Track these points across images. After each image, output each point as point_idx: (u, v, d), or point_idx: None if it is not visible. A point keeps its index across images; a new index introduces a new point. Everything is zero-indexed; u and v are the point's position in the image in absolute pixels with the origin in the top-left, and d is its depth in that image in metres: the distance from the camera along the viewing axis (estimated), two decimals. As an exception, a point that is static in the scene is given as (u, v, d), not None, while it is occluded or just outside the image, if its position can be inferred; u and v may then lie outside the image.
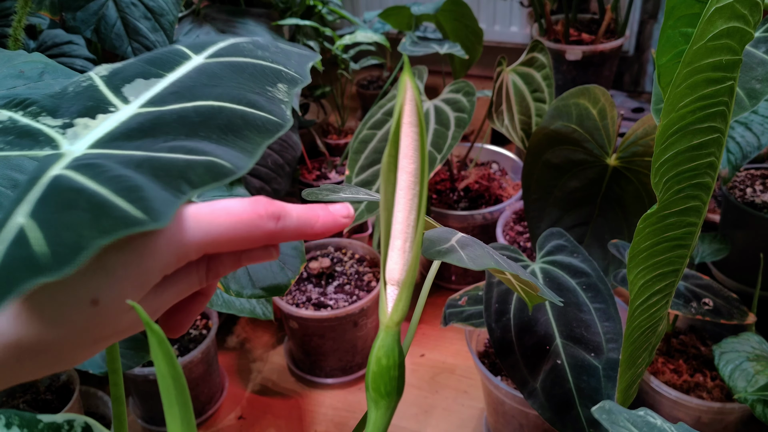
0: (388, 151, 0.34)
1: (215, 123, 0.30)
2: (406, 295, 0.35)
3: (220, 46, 0.37)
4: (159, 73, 0.33)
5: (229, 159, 0.29)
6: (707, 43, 0.41)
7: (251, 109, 0.32)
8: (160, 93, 0.32)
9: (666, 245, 0.48)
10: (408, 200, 0.34)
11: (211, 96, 0.32)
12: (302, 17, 1.48)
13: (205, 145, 0.29)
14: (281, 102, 0.33)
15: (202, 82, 0.33)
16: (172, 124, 0.30)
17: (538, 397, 0.67)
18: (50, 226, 0.22)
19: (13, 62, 0.57)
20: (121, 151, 0.28)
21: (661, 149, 0.44)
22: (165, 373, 0.26)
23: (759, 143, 0.84)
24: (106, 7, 0.85)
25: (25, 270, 0.21)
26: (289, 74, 0.36)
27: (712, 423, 0.91)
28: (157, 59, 0.34)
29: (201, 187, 0.26)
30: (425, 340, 1.29)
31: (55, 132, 0.29)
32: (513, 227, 1.33)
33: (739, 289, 1.13)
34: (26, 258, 0.21)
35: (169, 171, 0.27)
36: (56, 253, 0.22)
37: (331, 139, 1.70)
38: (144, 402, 1.11)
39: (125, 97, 0.32)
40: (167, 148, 0.28)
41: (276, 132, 0.31)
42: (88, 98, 0.31)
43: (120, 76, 0.33)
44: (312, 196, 0.47)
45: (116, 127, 0.29)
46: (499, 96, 1.20)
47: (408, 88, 0.32)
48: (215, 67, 0.34)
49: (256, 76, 0.35)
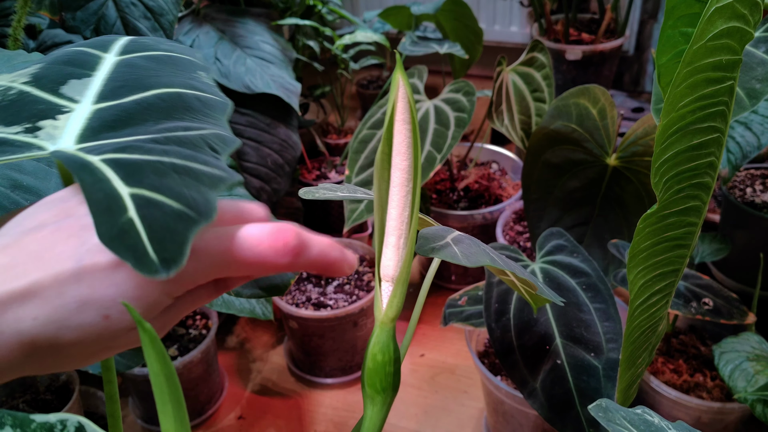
0: (381, 148, 0.34)
1: (181, 106, 0.32)
2: (401, 292, 0.35)
3: (123, 42, 0.38)
4: (85, 72, 0.34)
5: (220, 130, 0.30)
6: (707, 42, 0.41)
7: (199, 92, 0.33)
8: (105, 89, 0.32)
9: (666, 245, 0.48)
10: (402, 197, 0.34)
11: (161, 84, 0.33)
12: (302, 17, 1.48)
13: (190, 123, 0.30)
14: (212, 86, 0.35)
15: (142, 75, 0.34)
16: (146, 111, 0.31)
17: (537, 397, 0.67)
18: (166, 189, 0.24)
19: (13, 62, 0.57)
20: (122, 138, 0.28)
21: (661, 149, 0.44)
22: (158, 372, 0.26)
23: (759, 143, 0.84)
24: (106, 7, 0.85)
25: (182, 222, 0.23)
26: (198, 63, 0.38)
27: (712, 423, 0.91)
28: (72, 60, 0.35)
29: (224, 153, 0.28)
30: (425, 340, 1.29)
31: (23, 137, 0.29)
32: (513, 227, 1.33)
33: (739, 288, 1.13)
34: (173, 213, 0.23)
35: (194, 143, 0.28)
36: (191, 206, 0.23)
37: (330, 139, 1.70)
38: (144, 402, 1.11)
39: (70, 97, 0.32)
40: (164, 129, 0.29)
41: (226, 110, 0.33)
42: (32, 103, 0.31)
43: (48, 80, 0.33)
44: (309, 195, 0.47)
45: (88, 122, 0.30)
46: (499, 96, 1.20)
47: (400, 86, 0.33)
48: (138, 61, 0.35)
49: (178, 66, 0.36)
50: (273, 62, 1.19)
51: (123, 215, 0.22)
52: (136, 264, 0.21)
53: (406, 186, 0.34)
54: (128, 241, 0.22)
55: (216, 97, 0.34)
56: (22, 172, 0.50)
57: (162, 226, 0.22)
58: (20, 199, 0.48)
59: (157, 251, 0.22)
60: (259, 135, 1.18)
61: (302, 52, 1.52)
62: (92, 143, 0.28)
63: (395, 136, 0.33)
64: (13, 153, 0.28)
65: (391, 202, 0.34)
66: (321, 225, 1.54)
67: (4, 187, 0.48)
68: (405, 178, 0.34)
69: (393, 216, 0.34)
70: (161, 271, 0.21)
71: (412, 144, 0.33)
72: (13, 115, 0.30)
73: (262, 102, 1.17)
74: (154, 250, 0.22)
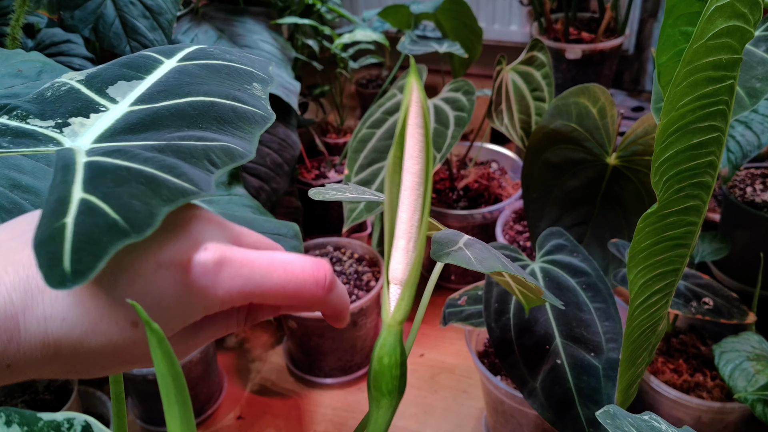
0: (393, 152, 0.34)
1: (211, 115, 0.32)
2: (409, 295, 0.35)
3: (189, 50, 0.39)
4: (138, 75, 0.35)
5: (237, 144, 0.31)
6: (707, 41, 0.41)
7: (238, 103, 0.34)
8: (147, 92, 0.33)
9: (666, 244, 0.48)
10: (412, 201, 0.34)
11: (200, 93, 0.33)
12: (301, 16, 1.48)
13: (208, 134, 0.31)
14: (261, 98, 0.36)
15: (187, 81, 0.34)
16: (171, 117, 0.31)
17: (537, 396, 0.67)
18: (114, 197, 0.23)
19: (11, 61, 0.57)
20: (132, 142, 0.29)
21: (661, 148, 0.44)
22: (165, 372, 0.26)
23: (759, 142, 0.84)
24: (105, 6, 0.85)
25: (110, 233, 0.22)
26: (259, 75, 0.38)
27: (712, 423, 0.91)
28: (132, 63, 0.36)
29: (223, 168, 0.28)
30: (425, 339, 1.29)
31: (51, 131, 0.30)
32: (513, 226, 1.33)
33: (739, 288, 1.13)
34: (104, 224, 0.22)
35: (192, 154, 0.28)
36: (129, 219, 0.23)
37: (330, 138, 1.69)
38: (143, 402, 1.11)
39: (112, 97, 0.33)
40: (177, 137, 0.30)
41: (264, 124, 0.33)
42: (74, 100, 0.32)
43: (100, 79, 0.34)
44: (319, 195, 0.47)
45: (114, 123, 0.30)
46: (498, 95, 1.19)
47: (414, 90, 0.33)
48: (192, 68, 0.36)
49: (232, 76, 0.37)
50: (272, 61, 1.19)
51: (60, 220, 0.22)
52: (45, 273, 0.20)
53: (417, 190, 0.34)
54: (50, 247, 0.21)
55: (257, 109, 0.34)
56: (22, 172, 0.50)
57: (87, 235, 0.22)
58: (19, 198, 0.48)
59: (73, 261, 0.21)
60: (259, 134, 1.18)
61: (301, 51, 1.52)
62: (104, 144, 0.29)
63: (408, 139, 0.33)
64: (28, 146, 0.28)
65: (401, 205, 0.34)
66: (320, 224, 1.54)
67: (3, 187, 0.48)
68: (416, 182, 0.34)
69: (403, 219, 0.34)
70: (68, 283, 0.20)
71: (425, 148, 0.33)
72: (53, 109, 0.31)
73: (262, 101, 1.17)
74: (71, 260, 0.21)
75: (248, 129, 0.32)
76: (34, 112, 0.31)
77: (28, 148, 0.28)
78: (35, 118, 0.31)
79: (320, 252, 1.27)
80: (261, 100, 0.35)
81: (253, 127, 0.33)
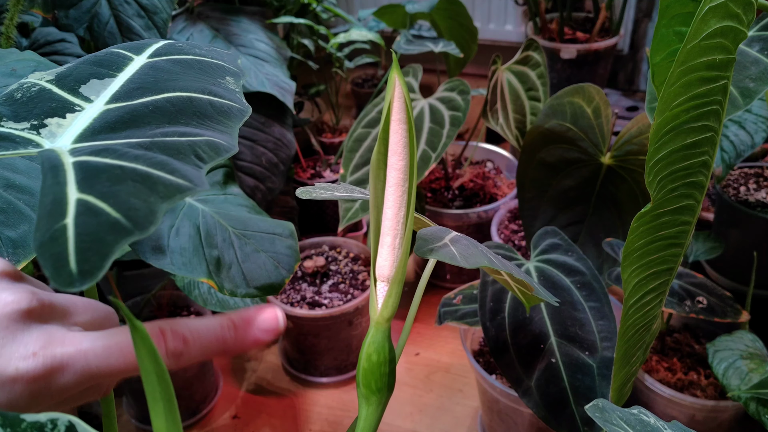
0: (377, 148, 0.34)
1: (190, 111, 0.32)
2: (396, 291, 0.35)
3: (158, 46, 0.39)
4: (110, 73, 0.34)
5: (219, 138, 0.30)
6: (701, 42, 0.41)
7: (215, 97, 0.34)
8: (122, 90, 0.33)
9: (660, 244, 0.48)
10: (397, 197, 0.34)
11: (176, 88, 0.33)
12: (297, 15, 1.48)
13: (190, 129, 0.30)
14: (235, 92, 0.36)
15: (162, 78, 0.34)
16: (150, 114, 0.31)
17: (532, 395, 0.67)
18: (113, 196, 0.23)
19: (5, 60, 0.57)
20: (114, 141, 0.28)
21: (655, 148, 0.44)
22: (149, 370, 0.26)
23: (752, 142, 0.85)
24: (99, 5, 0.85)
25: (113, 232, 0.22)
26: (230, 69, 0.38)
27: (705, 421, 0.91)
28: (103, 61, 0.36)
29: (210, 162, 0.28)
30: (420, 338, 1.29)
31: (28, 133, 0.29)
32: (508, 226, 1.33)
33: (733, 287, 1.13)
34: (107, 223, 0.22)
35: (179, 150, 0.28)
36: (130, 217, 0.22)
37: (325, 138, 1.69)
38: (138, 401, 1.11)
39: (86, 96, 0.32)
40: (160, 133, 0.29)
41: (242, 117, 0.33)
42: (48, 100, 0.32)
43: (71, 78, 0.34)
44: (306, 194, 0.47)
45: (92, 122, 0.30)
46: (493, 94, 1.20)
47: (396, 86, 0.33)
48: (164, 64, 0.36)
49: (205, 70, 0.37)
50: (267, 61, 1.19)
51: (60, 221, 0.22)
52: (52, 275, 0.20)
53: (401, 186, 0.34)
54: (54, 249, 0.21)
55: (233, 103, 0.34)
56: (16, 171, 0.49)
57: (91, 234, 0.21)
58: (13, 198, 0.48)
59: (78, 262, 0.21)
60: (254, 134, 1.18)
61: (297, 51, 1.52)
62: (86, 144, 0.28)
63: (391, 135, 0.33)
64: (7, 149, 0.28)
65: (386, 201, 0.34)
66: (316, 224, 1.54)
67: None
68: (401, 178, 0.34)
69: (389, 216, 0.34)
70: (76, 283, 0.20)
71: (408, 144, 0.33)
72: (26, 111, 0.31)
73: (257, 100, 1.17)
74: (77, 261, 0.21)
75: (228, 123, 0.32)
76: (7, 114, 0.31)
77: (7, 150, 0.28)
78: (8, 120, 0.30)
79: (316, 251, 1.27)
80: (236, 94, 0.35)
81: (232, 120, 0.33)
